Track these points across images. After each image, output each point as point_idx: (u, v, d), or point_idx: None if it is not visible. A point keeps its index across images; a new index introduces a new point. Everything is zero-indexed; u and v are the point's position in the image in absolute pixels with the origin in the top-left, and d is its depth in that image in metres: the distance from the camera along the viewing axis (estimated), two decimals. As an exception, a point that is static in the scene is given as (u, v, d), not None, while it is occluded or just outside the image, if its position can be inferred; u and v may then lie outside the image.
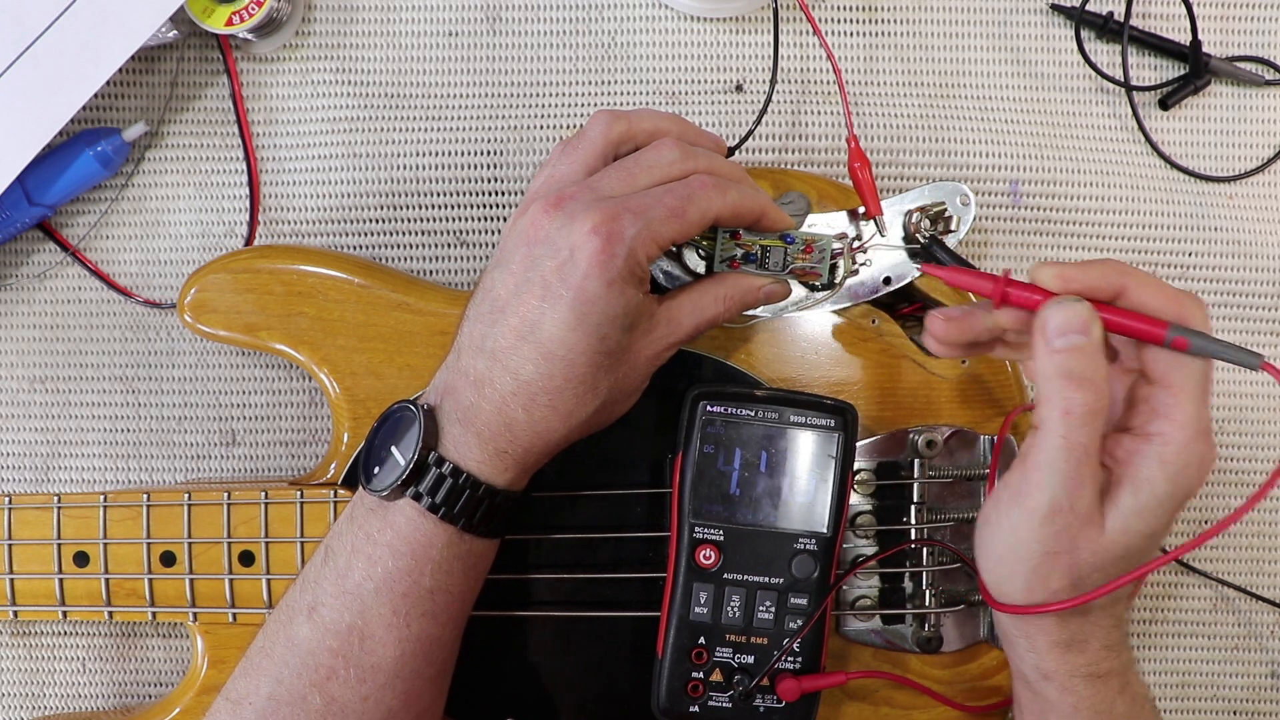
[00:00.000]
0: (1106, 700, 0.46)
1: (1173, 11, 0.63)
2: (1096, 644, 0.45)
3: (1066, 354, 0.41)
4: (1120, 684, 0.46)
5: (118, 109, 0.63)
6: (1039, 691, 0.46)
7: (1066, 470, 0.42)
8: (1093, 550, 0.42)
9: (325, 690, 0.46)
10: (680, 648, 0.50)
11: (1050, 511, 0.42)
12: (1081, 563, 0.43)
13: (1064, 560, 0.43)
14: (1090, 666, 0.45)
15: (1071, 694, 0.45)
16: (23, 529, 0.56)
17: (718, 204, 0.46)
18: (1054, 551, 0.43)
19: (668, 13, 0.63)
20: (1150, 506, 0.42)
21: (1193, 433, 0.42)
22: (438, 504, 0.45)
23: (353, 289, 0.56)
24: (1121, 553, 0.43)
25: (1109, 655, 0.46)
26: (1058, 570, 0.43)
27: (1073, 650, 0.45)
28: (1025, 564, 0.43)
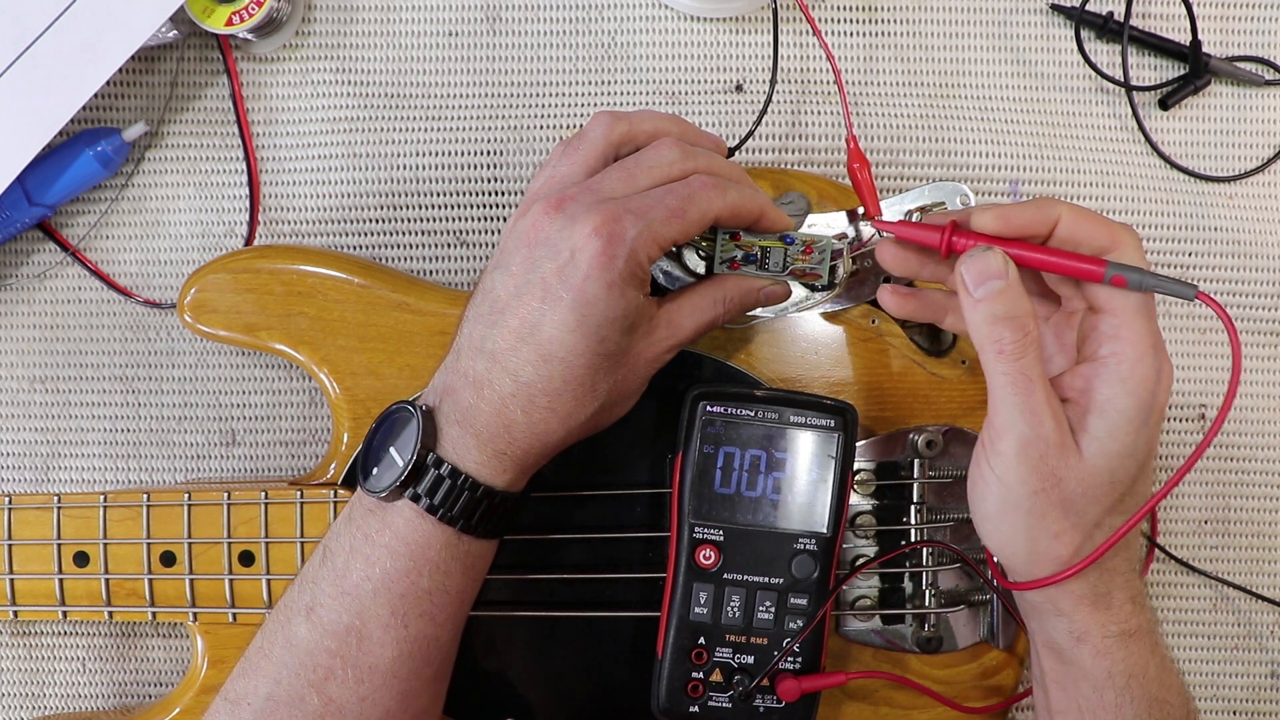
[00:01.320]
0: (1140, 661, 0.46)
1: (1173, 11, 0.63)
2: (1121, 596, 0.45)
3: (988, 301, 0.43)
4: (1150, 643, 0.46)
5: (118, 109, 0.63)
6: (1072, 659, 0.46)
7: (1019, 401, 0.43)
8: (1078, 479, 0.43)
9: (323, 691, 0.46)
10: (680, 648, 0.50)
11: (1021, 446, 0.43)
12: (1071, 494, 0.43)
13: (1053, 495, 0.43)
14: (1120, 623, 0.45)
15: (1106, 657, 0.45)
16: (23, 529, 0.56)
17: (718, 204, 0.46)
18: (1040, 488, 0.43)
19: (668, 13, 0.63)
20: (1120, 424, 0.43)
21: (1144, 348, 0.43)
22: (436, 505, 0.45)
23: (353, 289, 0.56)
24: (1107, 477, 0.43)
25: (1135, 610, 0.46)
26: (1051, 507, 0.43)
27: (1100, 605, 0.45)
28: (1019, 511, 0.44)
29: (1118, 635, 0.45)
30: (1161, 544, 0.62)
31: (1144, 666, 0.46)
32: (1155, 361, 0.43)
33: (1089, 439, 0.43)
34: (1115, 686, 0.46)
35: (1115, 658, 0.45)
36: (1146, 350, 0.43)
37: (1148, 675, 0.46)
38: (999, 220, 0.45)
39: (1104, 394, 0.43)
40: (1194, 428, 0.63)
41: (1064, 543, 0.44)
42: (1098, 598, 0.45)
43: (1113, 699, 0.46)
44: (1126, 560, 0.46)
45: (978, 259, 0.44)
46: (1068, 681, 0.47)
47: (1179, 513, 0.62)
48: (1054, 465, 0.43)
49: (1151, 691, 0.46)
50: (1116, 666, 0.45)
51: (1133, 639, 0.46)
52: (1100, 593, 0.45)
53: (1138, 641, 0.46)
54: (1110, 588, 0.45)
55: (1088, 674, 0.46)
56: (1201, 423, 0.63)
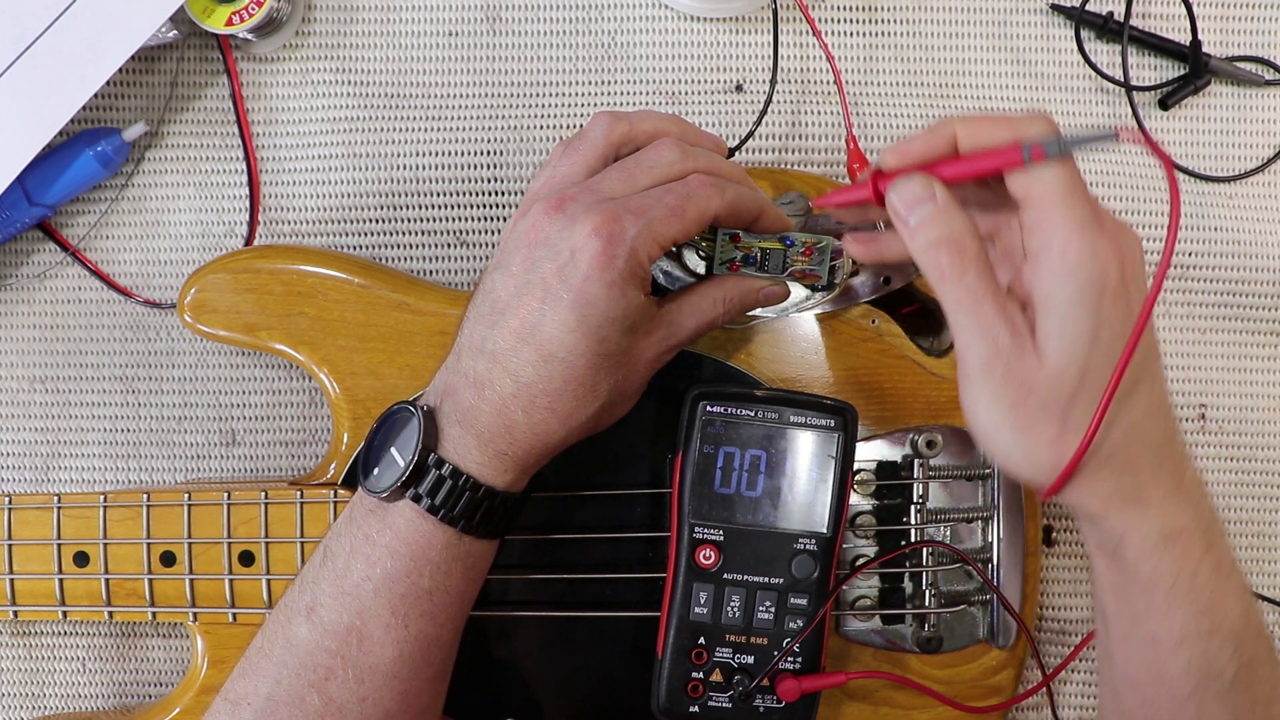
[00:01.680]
0: (1188, 564, 0.43)
1: (1173, 11, 0.63)
2: (1156, 491, 0.43)
3: (923, 226, 0.43)
4: (1202, 546, 0.44)
5: (118, 109, 0.63)
6: (1119, 561, 0.44)
7: (969, 320, 0.42)
8: (1048, 381, 0.42)
9: (324, 691, 0.46)
10: (680, 648, 0.50)
11: (983, 365, 0.42)
12: (1047, 398, 0.42)
13: (1031, 404, 0.42)
14: (1160, 522, 0.43)
15: (1149, 558, 0.43)
16: (23, 529, 0.56)
17: (716, 203, 0.46)
18: (1016, 401, 0.42)
19: (668, 13, 0.63)
20: (1067, 314, 0.41)
21: (1069, 230, 0.41)
22: (437, 505, 0.45)
23: (353, 289, 0.56)
24: (1076, 371, 0.42)
25: (1179, 508, 0.43)
26: (1034, 415, 0.42)
27: (1132, 503, 0.43)
28: (1007, 428, 0.43)
29: (1158, 537, 0.43)
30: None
31: (1193, 570, 0.43)
32: (1087, 239, 0.41)
33: (1045, 338, 0.42)
34: (1163, 588, 0.43)
35: (1159, 560, 0.43)
36: (1073, 231, 0.41)
37: (1198, 579, 0.43)
38: (898, 155, 0.45)
39: (1043, 289, 0.42)
40: (1194, 427, 0.63)
41: (1062, 446, 0.42)
42: (1128, 496, 0.43)
43: (1161, 602, 0.43)
44: (1151, 451, 0.43)
45: (903, 186, 0.44)
46: (1120, 584, 0.45)
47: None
48: (1021, 374, 0.42)
49: (1203, 597, 0.43)
50: (1162, 568, 0.43)
51: (1177, 540, 0.43)
52: (1129, 491, 0.43)
53: (1184, 543, 0.43)
54: (1139, 483, 0.43)
55: (1136, 575, 0.44)
56: (1202, 422, 0.63)
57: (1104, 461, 0.43)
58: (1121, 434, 0.43)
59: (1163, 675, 0.44)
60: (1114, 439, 0.42)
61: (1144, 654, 0.45)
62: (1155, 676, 0.45)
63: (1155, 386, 0.44)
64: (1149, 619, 0.44)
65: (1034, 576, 0.56)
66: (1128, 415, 0.43)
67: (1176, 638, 0.44)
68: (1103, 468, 0.43)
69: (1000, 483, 0.55)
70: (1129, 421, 0.43)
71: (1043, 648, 0.62)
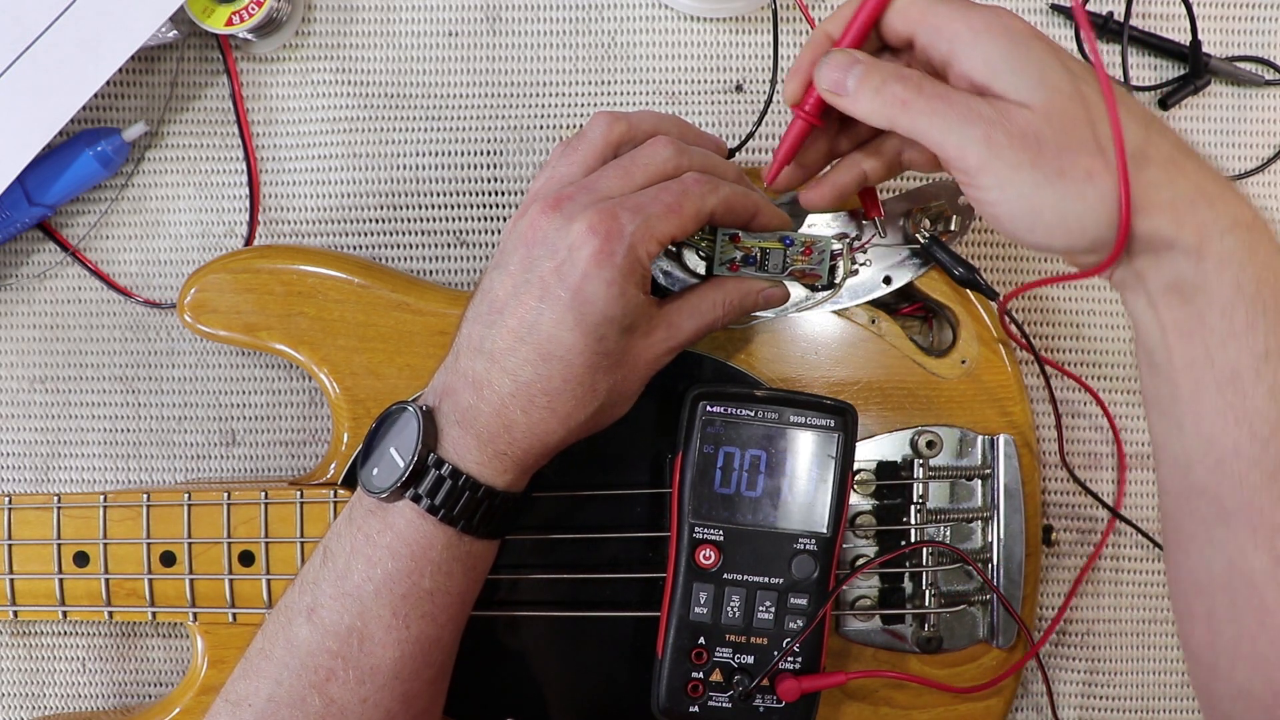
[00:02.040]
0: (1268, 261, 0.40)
1: (1173, 11, 0.63)
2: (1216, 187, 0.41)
3: (862, 82, 0.43)
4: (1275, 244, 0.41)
5: (118, 109, 0.63)
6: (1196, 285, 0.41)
7: (950, 116, 0.41)
8: (1047, 119, 0.40)
9: (324, 692, 0.46)
10: (680, 648, 0.50)
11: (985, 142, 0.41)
12: (1058, 137, 0.40)
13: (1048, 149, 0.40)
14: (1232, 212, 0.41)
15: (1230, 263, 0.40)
16: (23, 529, 0.56)
17: (713, 200, 0.46)
18: (1034, 155, 0.40)
19: (668, 13, 0.63)
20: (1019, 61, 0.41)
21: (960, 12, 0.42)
22: (437, 506, 0.45)
23: (353, 289, 0.56)
24: (1067, 97, 0.41)
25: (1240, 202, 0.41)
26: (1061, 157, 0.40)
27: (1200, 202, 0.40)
28: (1044, 187, 0.40)
29: (1231, 226, 0.40)
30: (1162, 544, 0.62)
31: (1271, 267, 0.40)
32: (978, 11, 0.42)
33: (1016, 90, 0.41)
34: (1245, 298, 0.40)
35: (1239, 260, 0.40)
36: (963, 11, 0.42)
37: (1278, 279, 0.41)
38: (794, 76, 0.47)
39: (978, 63, 0.42)
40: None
41: (1101, 172, 0.40)
42: (1192, 197, 0.40)
43: (1244, 317, 0.40)
44: (1184, 152, 0.41)
45: (825, 68, 0.45)
46: (1192, 322, 0.42)
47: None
48: (1022, 128, 0.41)
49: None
50: (1245, 274, 0.40)
51: (1253, 230, 0.41)
52: (1190, 192, 0.40)
53: (1258, 233, 0.41)
54: (1196, 183, 0.41)
55: (1214, 297, 0.41)
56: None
57: (1147, 167, 0.40)
58: (1140, 133, 0.41)
59: (1244, 413, 0.41)
60: (1137, 140, 0.40)
61: (1222, 396, 0.41)
62: (1235, 419, 0.41)
63: (1134, 101, 0.43)
64: (1228, 345, 0.41)
65: (1034, 576, 0.56)
66: (1133, 115, 0.41)
67: (1260, 356, 0.41)
68: (1150, 172, 0.40)
69: (1000, 483, 0.55)
70: (1145, 124, 0.41)
71: (1043, 648, 0.62)
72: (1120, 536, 0.62)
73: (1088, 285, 0.62)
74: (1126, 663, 0.62)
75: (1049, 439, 0.61)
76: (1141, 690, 0.63)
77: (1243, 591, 0.41)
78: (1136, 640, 0.63)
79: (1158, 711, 0.63)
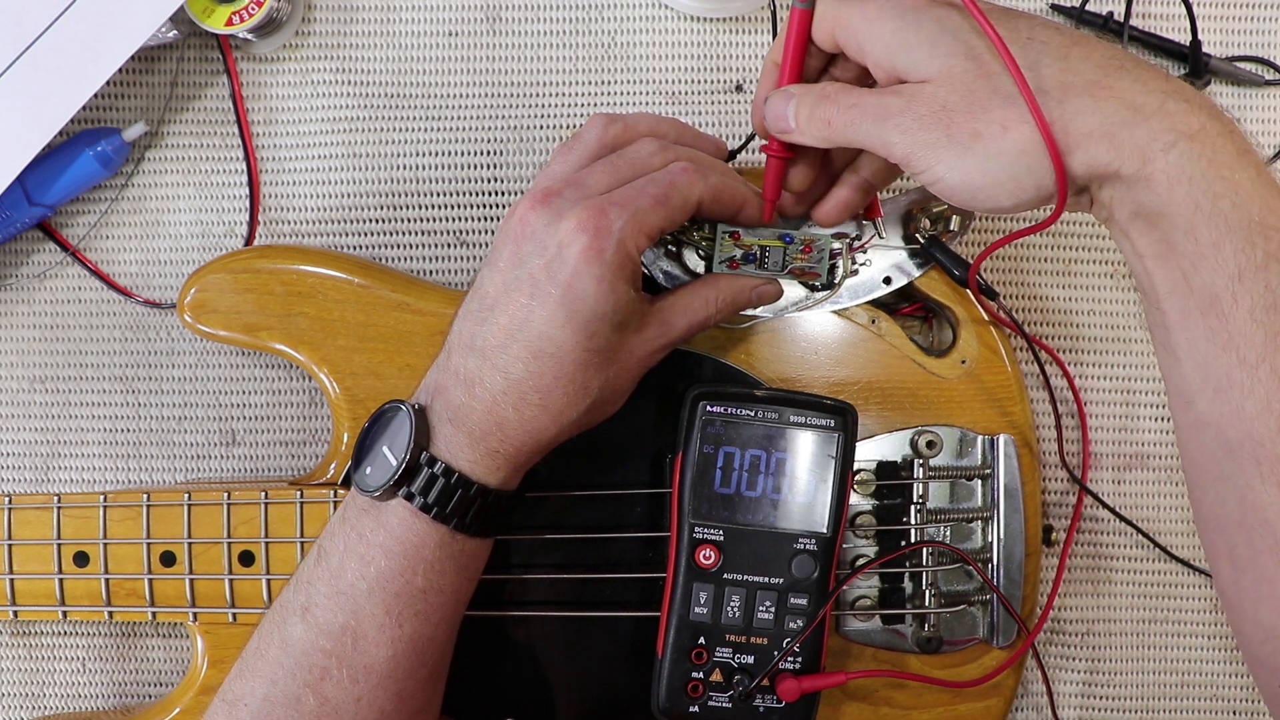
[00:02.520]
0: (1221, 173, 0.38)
1: (1173, 11, 0.63)
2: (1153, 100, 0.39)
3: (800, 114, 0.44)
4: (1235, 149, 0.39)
5: (118, 109, 0.63)
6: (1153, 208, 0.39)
7: (872, 119, 0.42)
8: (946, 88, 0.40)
9: (319, 691, 0.46)
10: (680, 648, 0.50)
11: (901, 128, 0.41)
12: (964, 98, 0.40)
13: (958, 114, 0.40)
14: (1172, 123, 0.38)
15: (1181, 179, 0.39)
16: (23, 529, 0.56)
17: (699, 188, 0.46)
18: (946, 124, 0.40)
19: (668, 13, 0.63)
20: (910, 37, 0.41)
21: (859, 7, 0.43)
22: (430, 504, 0.45)
23: (353, 289, 0.56)
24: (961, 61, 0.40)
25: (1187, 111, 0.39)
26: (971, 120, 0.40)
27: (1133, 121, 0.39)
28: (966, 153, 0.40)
29: (1174, 140, 0.38)
30: (1162, 544, 0.62)
31: (1229, 178, 0.38)
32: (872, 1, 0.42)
33: (911, 69, 0.41)
34: (1204, 215, 0.38)
35: (1190, 175, 0.38)
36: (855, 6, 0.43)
37: (1239, 189, 0.38)
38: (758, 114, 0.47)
39: (879, 49, 0.42)
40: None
41: (1018, 125, 0.39)
42: (1123, 118, 0.39)
43: (1208, 235, 0.38)
44: (1109, 66, 0.39)
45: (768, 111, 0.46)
46: (1162, 247, 0.40)
47: (1179, 513, 0.62)
48: (928, 104, 0.40)
49: (1251, 213, 0.38)
50: (1198, 188, 0.38)
51: (1198, 139, 0.38)
52: (1120, 113, 0.39)
53: (1208, 142, 0.38)
54: (1126, 100, 0.39)
55: (1175, 219, 0.39)
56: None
57: (1068, 97, 0.39)
58: (1056, 64, 0.39)
59: (1229, 339, 0.39)
60: (1053, 72, 0.39)
61: (1206, 321, 0.40)
62: (1222, 345, 0.40)
63: (1063, 30, 0.41)
64: (1200, 268, 0.39)
65: (1034, 576, 0.56)
66: (1047, 47, 0.40)
67: (1233, 277, 0.39)
68: (1072, 102, 0.39)
69: (1000, 483, 0.55)
70: (1064, 50, 0.40)
71: (1043, 648, 0.62)
72: (1120, 536, 0.62)
73: (1074, 272, 0.62)
74: (1126, 663, 0.62)
75: (1049, 439, 0.61)
76: (1141, 690, 0.62)
77: (1259, 529, 0.40)
78: (1136, 640, 0.63)
79: (1158, 711, 0.62)
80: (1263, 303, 0.39)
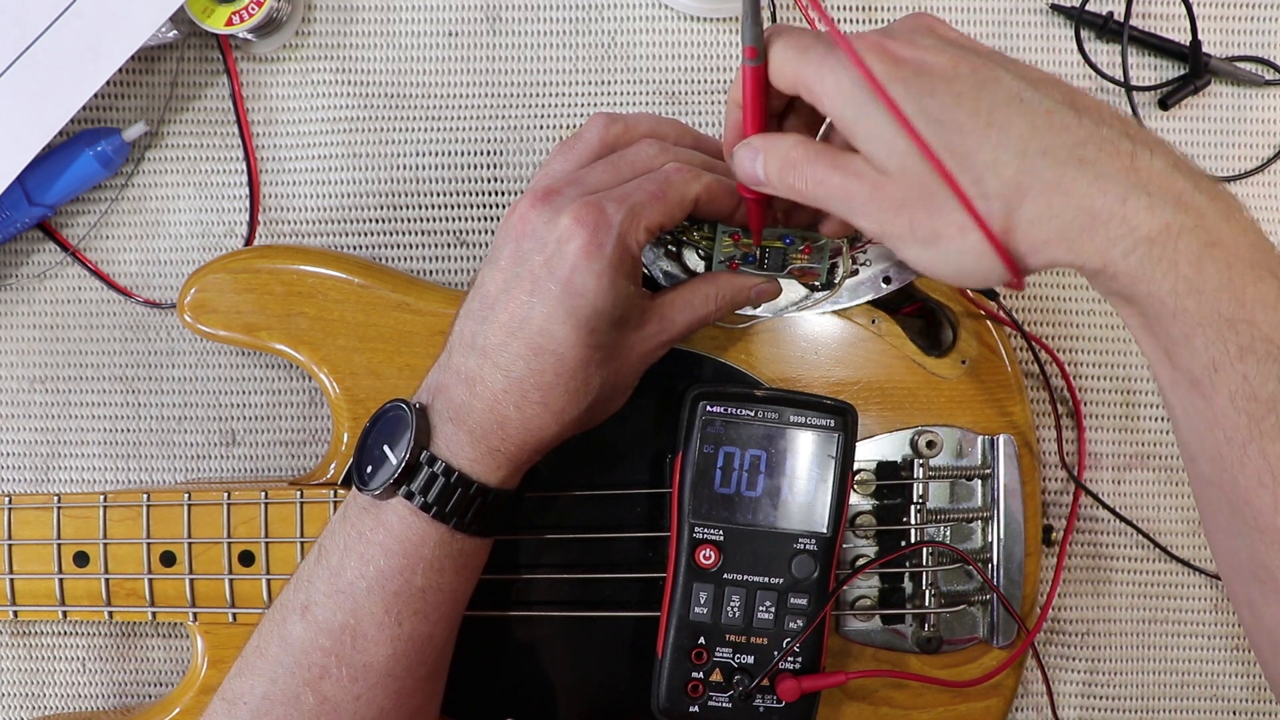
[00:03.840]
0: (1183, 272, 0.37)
1: (1173, 11, 0.63)
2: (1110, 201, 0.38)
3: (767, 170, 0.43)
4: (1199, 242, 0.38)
5: (118, 109, 0.63)
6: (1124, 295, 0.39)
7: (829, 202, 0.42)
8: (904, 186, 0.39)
9: (318, 689, 0.46)
10: (680, 648, 0.50)
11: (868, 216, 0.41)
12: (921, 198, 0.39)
13: (918, 213, 0.40)
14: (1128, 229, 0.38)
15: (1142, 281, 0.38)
16: (23, 529, 0.56)
17: (696, 186, 0.46)
18: (909, 221, 0.40)
19: (668, 13, 0.63)
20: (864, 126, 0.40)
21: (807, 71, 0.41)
22: (430, 503, 0.45)
23: (353, 289, 0.56)
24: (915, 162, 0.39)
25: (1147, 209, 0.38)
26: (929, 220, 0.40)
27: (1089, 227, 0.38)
28: (928, 246, 0.40)
29: (1132, 245, 0.37)
30: (1162, 544, 0.62)
31: (1191, 277, 0.37)
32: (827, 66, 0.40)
33: (871, 158, 0.40)
34: (1169, 312, 0.38)
35: (1150, 277, 0.38)
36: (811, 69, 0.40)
37: (1203, 288, 0.37)
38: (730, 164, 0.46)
39: (844, 130, 0.40)
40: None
41: (973, 228, 0.39)
42: (1079, 223, 0.38)
43: (1179, 329, 0.38)
44: (1067, 162, 0.38)
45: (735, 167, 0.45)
46: (1141, 324, 0.40)
47: (1179, 513, 0.62)
48: (891, 198, 0.40)
49: (1221, 309, 0.38)
50: (1162, 288, 0.38)
51: (1157, 245, 0.37)
52: (1076, 218, 0.38)
53: (1166, 245, 0.37)
54: (1083, 204, 0.38)
55: (1145, 307, 0.39)
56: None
57: (1024, 201, 0.38)
58: (1013, 163, 0.38)
59: (1213, 418, 0.39)
60: (1010, 174, 0.38)
61: (1192, 400, 0.40)
62: (1209, 424, 0.40)
63: (1028, 104, 0.39)
64: (1178, 352, 0.39)
65: (1034, 576, 0.56)
66: (1007, 138, 0.38)
67: (1209, 367, 0.38)
68: (1027, 208, 0.38)
69: (1000, 483, 0.55)
70: (1014, 146, 0.38)
71: (1043, 648, 0.62)
72: (1120, 536, 0.62)
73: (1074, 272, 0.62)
74: (1126, 663, 0.62)
75: (1048, 439, 0.61)
76: (1141, 690, 0.62)
77: (1270, 585, 0.41)
78: (1136, 640, 0.63)
79: (1158, 711, 0.62)
80: (1242, 391, 0.38)
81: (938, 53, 0.40)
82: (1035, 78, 0.40)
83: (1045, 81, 0.40)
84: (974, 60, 0.40)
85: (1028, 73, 0.40)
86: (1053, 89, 0.40)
